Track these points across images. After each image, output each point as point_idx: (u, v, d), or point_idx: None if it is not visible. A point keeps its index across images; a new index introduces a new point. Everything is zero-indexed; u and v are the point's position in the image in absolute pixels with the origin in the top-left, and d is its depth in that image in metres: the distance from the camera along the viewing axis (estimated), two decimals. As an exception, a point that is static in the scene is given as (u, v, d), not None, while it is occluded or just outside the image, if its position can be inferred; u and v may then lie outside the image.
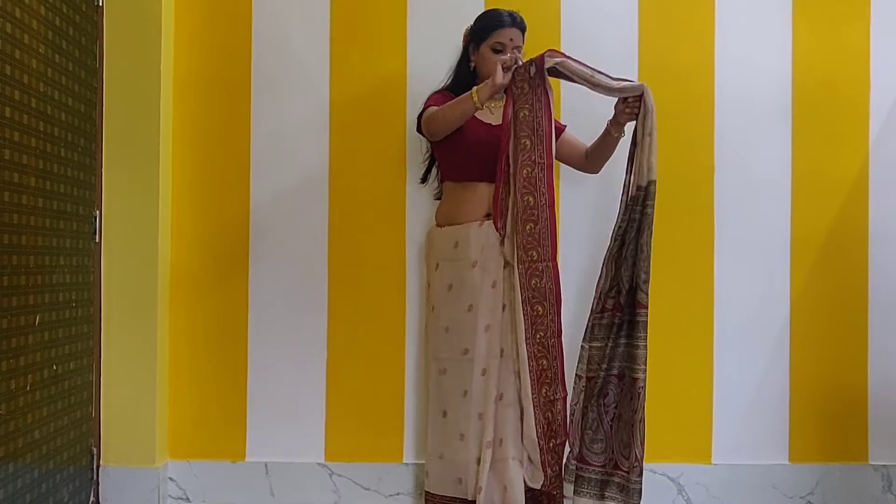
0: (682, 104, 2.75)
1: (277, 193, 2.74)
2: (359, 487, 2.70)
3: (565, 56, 2.26)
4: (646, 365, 2.28)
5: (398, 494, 2.70)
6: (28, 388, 2.14)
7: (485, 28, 2.41)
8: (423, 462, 2.66)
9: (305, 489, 2.69)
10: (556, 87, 2.70)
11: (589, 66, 2.27)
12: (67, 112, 2.36)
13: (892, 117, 2.77)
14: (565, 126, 2.56)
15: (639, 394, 2.27)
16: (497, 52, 2.38)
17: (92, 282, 2.54)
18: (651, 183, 2.29)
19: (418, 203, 2.72)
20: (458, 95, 2.38)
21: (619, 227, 2.31)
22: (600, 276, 2.33)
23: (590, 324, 2.35)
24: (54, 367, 2.29)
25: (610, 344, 2.33)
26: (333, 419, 2.72)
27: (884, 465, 2.74)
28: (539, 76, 2.25)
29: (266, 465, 2.70)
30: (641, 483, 2.28)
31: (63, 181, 2.34)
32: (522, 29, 2.42)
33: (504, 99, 2.44)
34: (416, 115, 2.47)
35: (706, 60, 2.77)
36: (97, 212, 2.57)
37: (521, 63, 2.25)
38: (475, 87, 2.26)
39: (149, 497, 2.58)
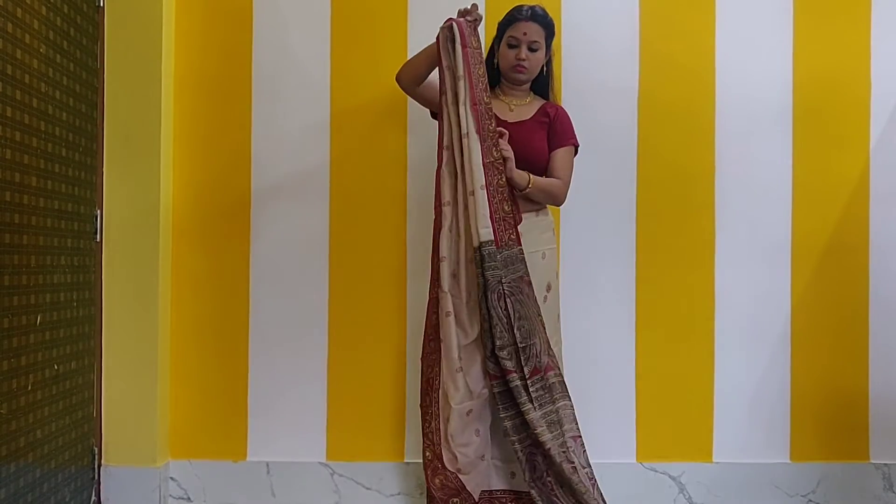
0: (683, 105, 2.75)
1: (278, 193, 2.74)
2: (360, 487, 2.70)
3: (464, 40, 2.21)
4: (542, 427, 2.18)
5: (399, 494, 2.70)
6: (29, 387, 2.14)
7: (503, 23, 2.39)
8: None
9: (307, 489, 2.69)
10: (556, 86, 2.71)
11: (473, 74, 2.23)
12: (68, 112, 2.36)
13: (894, 119, 2.77)
14: (566, 144, 2.43)
15: (550, 456, 2.18)
16: (512, 47, 2.34)
17: (93, 281, 2.55)
18: (481, 246, 2.17)
19: (420, 201, 2.72)
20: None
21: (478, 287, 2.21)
22: None
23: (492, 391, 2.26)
24: (55, 367, 2.29)
25: (510, 414, 2.23)
26: (335, 419, 2.72)
27: (885, 464, 2.74)
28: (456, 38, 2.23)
29: (267, 465, 2.70)
30: None
31: (64, 181, 2.34)
32: (542, 23, 2.34)
33: (527, 99, 2.44)
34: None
35: (707, 61, 2.77)
36: (98, 211, 2.58)
37: (474, 15, 2.22)
38: None
39: (150, 497, 2.58)
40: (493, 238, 2.18)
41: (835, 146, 2.77)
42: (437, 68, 2.32)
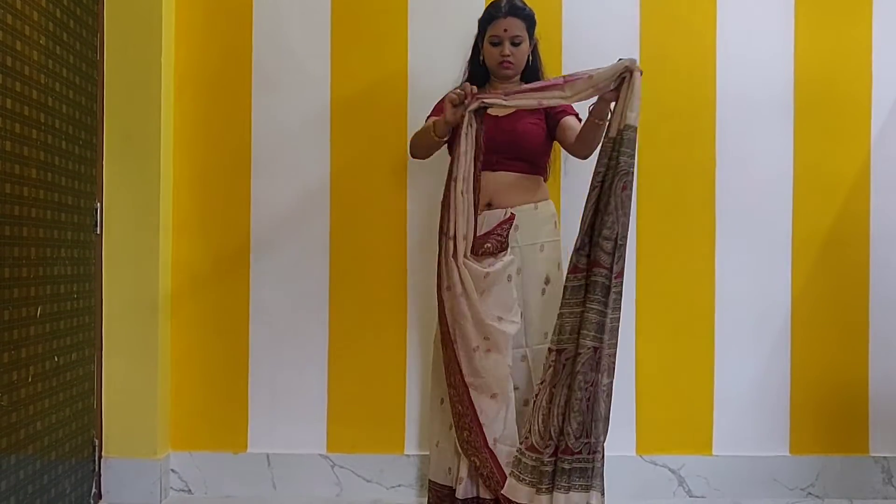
0: (684, 101, 2.75)
1: (279, 186, 2.74)
2: (360, 479, 2.70)
3: (500, 95, 2.19)
4: (607, 335, 2.11)
5: (399, 486, 2.71)
6: (30, 379, 2.14)
7: (483, 20, 2.38)
8: (424, 454, 2.67)
9: (307, 481, 2.70)
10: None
11: (537, 86, 2.20)
12: (68, 104, 2.36)
13: (894, 114, 2.77)
14: (571, 114, 2.40)
15: (598, 362, 2.11)
16: (494, 45, 2.34)
17: (93, 273, 2.55)
18: (627, 129, 2.07)
19: (420, 198, 2.72)
20: None
21: (597, 173, 2.13)
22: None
23: (565, 285, 2.17)
24: (56, 359, 2.29)
25: (581, 310, 2.12)
26: (335, 410, 2.72)
27: (884, 457, 2.74)
28: (476, 115, 2.19)
29: (268, 457, 2.71)
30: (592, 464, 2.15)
31: (64, 173, 2.34)
32: (523, 17, 2.33)
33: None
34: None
35: (708, 57, 2.76)
36: (98, 204, 2.57)
37: (469, 98, 2.17)
38: (434, 122, 2.27)
39: (151, 488, 2.59)
40: (637, 125, 2.09)
41: (835, 140, 2.77)
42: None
